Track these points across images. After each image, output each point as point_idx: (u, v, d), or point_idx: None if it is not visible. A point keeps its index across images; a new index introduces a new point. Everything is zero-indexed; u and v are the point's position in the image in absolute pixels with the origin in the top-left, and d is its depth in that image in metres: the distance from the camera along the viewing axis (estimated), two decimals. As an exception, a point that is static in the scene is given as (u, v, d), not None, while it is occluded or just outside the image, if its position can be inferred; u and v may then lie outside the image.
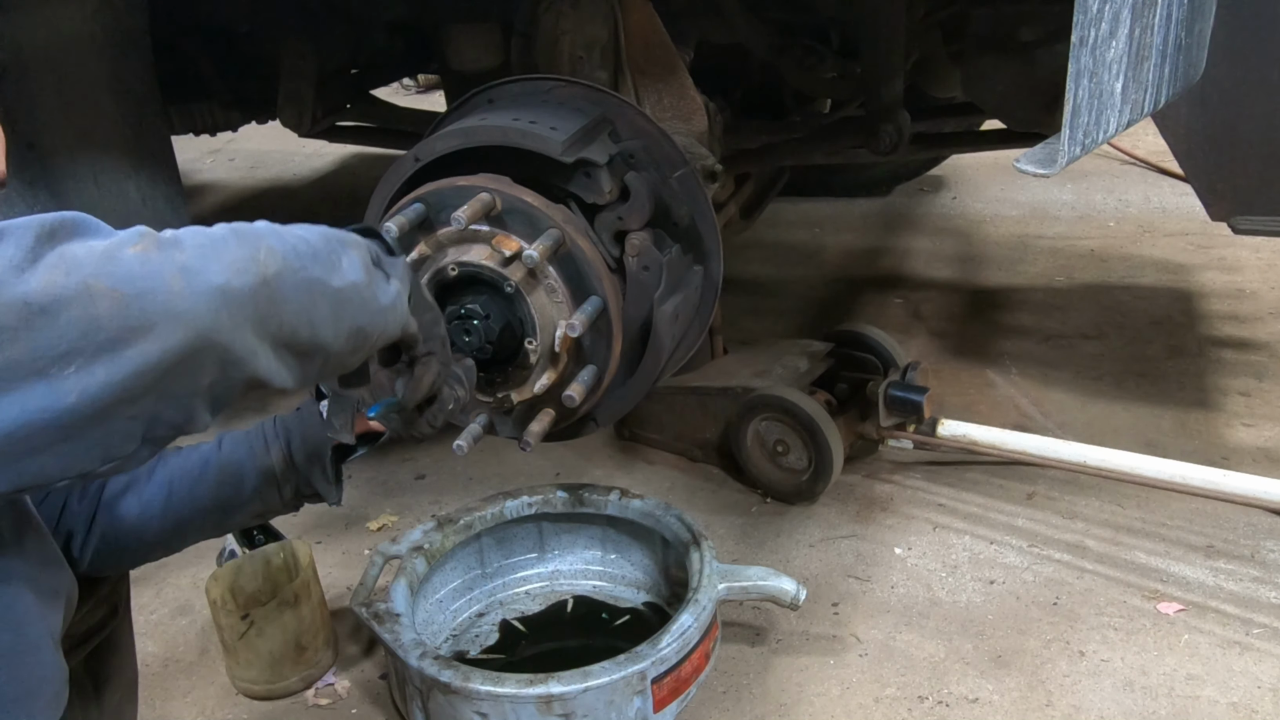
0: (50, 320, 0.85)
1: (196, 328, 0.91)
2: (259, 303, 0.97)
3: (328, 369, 1.10)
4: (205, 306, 0.91)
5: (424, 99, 5.53)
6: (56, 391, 0.85)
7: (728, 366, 2.58)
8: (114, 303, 0.87)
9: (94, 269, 0.88)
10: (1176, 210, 3.94)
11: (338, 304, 1.07)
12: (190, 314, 0.90)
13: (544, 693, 1.64)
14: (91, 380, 0.86)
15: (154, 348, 0.89)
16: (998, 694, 1.84)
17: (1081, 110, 1.36)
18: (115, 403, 0.88)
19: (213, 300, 0.92)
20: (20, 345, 0.84)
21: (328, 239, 1.11)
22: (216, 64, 2.92)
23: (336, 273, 1.08)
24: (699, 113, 2.13)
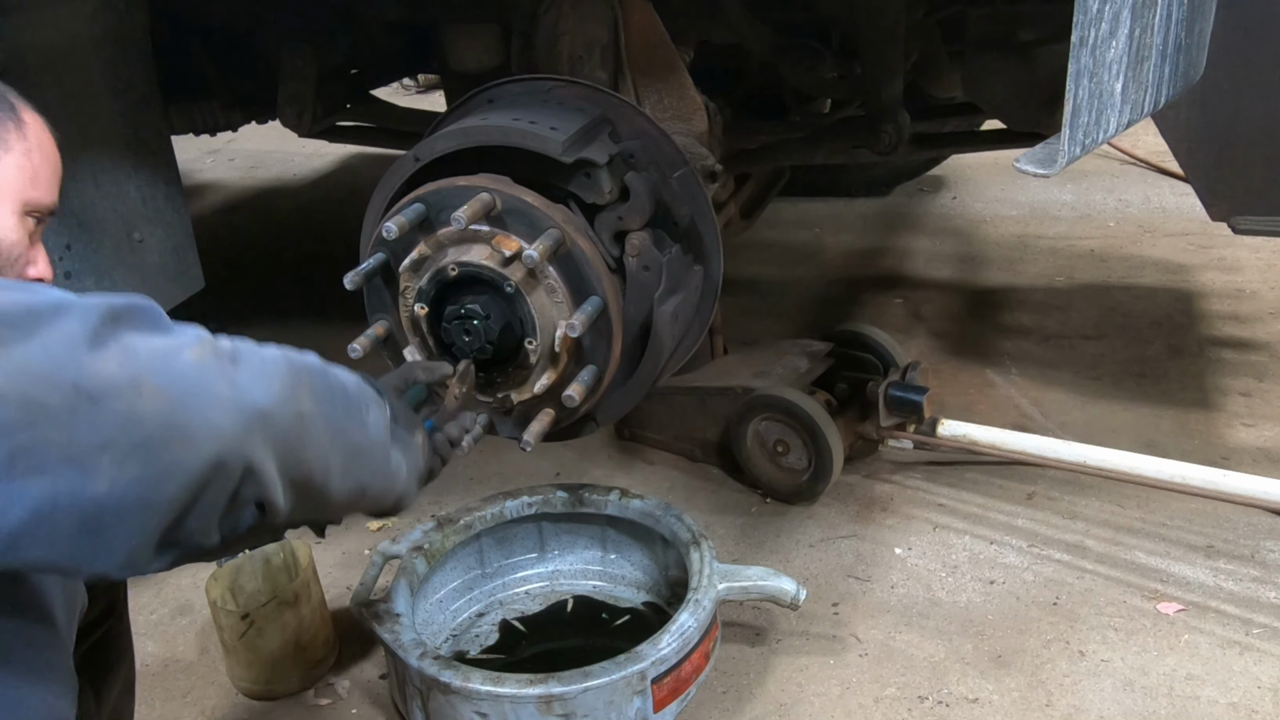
0: (95, 409, 0.86)
1: (232, 443, 0.92)
2: (289, 435, 0.99)
3: (316, 514, 1.11)
4: (244, 425, 0.93)
5: (424, 99, 5.53)
6: (87, 480, 0.86)
7: (728, 366, 2.58)
8: (160, 403, 0.88)
9: (149, 365, 0.89)
10: (1176, 210, 3.94)
11: (353, 458, 1.10)
12: (229, 430, 0.92)
13: (544, 693, 1.64)
14: (122, 475, 0.87)
15: (189, 455, 0.90)
16: (998, 694, 1.84)
17: (1081, 110, 1.36)
18: (141, 503, 0.89)
19: (252, 421, 0.94)
20: (61, 428, 0.84)
21: (361, 391, 1.14)
22: (216, 64, 2.92)
23: (361, 427, 1.12)
24: (699, 113, 2.13)
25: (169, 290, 2.30)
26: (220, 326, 1.31)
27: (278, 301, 3.64)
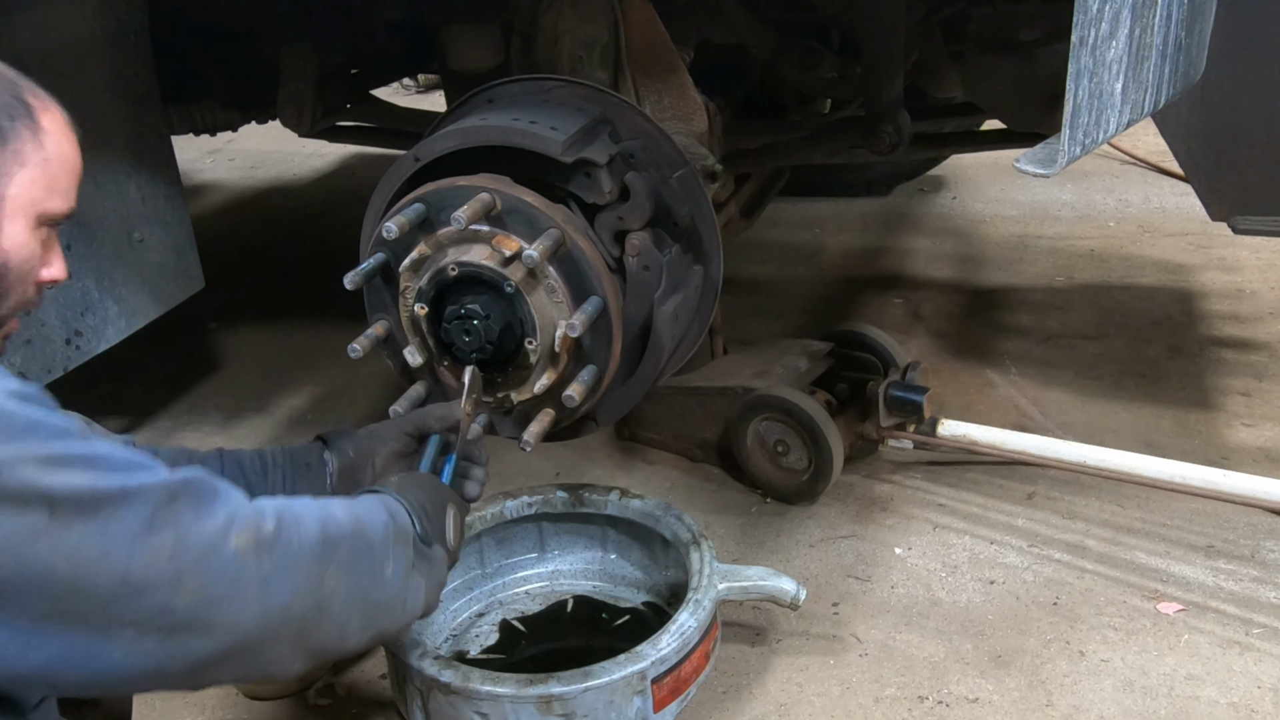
0: (136, 597, 0.94)
1: (249, 639, 1.02)
2: (307, 623, 1.07)
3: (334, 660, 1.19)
4: (264, 625, 1.02)
5: (424, 99, 5.52)
6: (105, 647, 0.95)
7: (728, 366, 2.58)
8: (194, 598, 0.97)
9: (194, 559, 0.98)
10: (1176, 210, 3.94)
11: (372, 614, 1.18)
12: (250, 628, 1.01)
13: (544, 693, 1.64)
14: (138, 649, 0.96)
15: (205, 644, 0.99)
16: (998, 694, 1.84)
17: (1081, 110, 1.36)
18: (147, 673, 0.98)
19: (272, 620, 1.03)
20: (100, 606, 0.93)
21: (387, 537, 1.21)
22: (216, 64, 2.92)
23: (381, 583, 1.18)
24: (699, 113, 2.13)
25: (169, 290, 2.30)
26: (220, 327, 1.31)
27: (278, 301, 3.64)
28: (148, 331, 2.30)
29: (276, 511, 1.07)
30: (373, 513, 1.23)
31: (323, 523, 1.12)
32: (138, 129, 2.19)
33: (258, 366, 3.15)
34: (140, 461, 1.01)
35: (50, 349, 2.00)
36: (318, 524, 1.11)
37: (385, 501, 1.29)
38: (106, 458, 0.98)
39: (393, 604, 1.21)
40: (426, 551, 1.31)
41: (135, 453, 1.03)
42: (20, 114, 1.15)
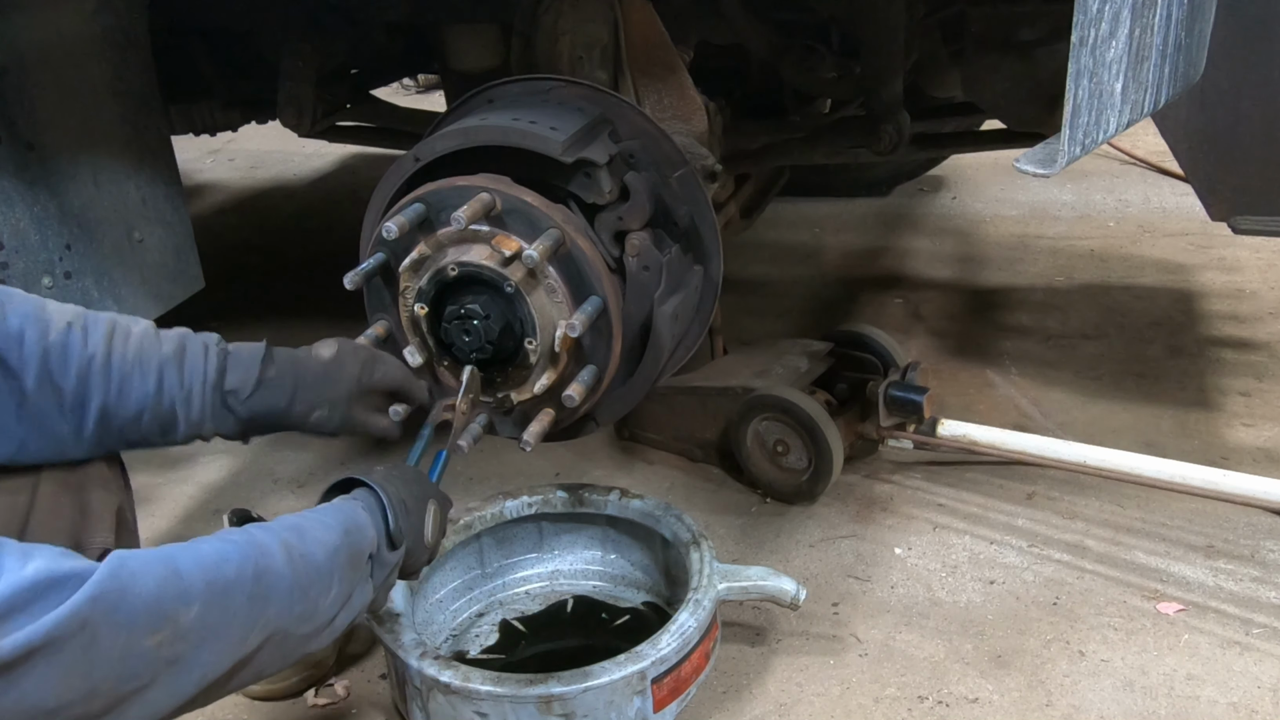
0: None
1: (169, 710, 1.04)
2: (222, 685, 1.09)
3: None
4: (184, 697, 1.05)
5: (424, 99, 5.52)
6: None
7: (728, 366, 2.58)
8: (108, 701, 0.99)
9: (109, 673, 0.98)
10: (1176, 210, 3.94)
11: (293, 649, 1.17)
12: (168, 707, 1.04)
13: (544, 693, 1.64)
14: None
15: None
16: (998, 694, 1.85)
17: (1081, 110, 1.36)
18: None
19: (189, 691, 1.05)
20: None
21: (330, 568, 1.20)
22: (216, 64, 2.92)
23: (312, 619, 1.17)
24: (699, 113, 2.13)
25: (169, 290, 2.30)
26: (221, 327, 1.32)
27: (278, 301, 3.64)
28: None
29: (204, 580, 1.05)
30: (326, 537, 1.21)
31: (256, 576, 1.10)
32: (138, 129, 2.19)
33: (258, 366, 3.14)
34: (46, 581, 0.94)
35: (50, 349, 2.00)
36: (251, 582, 1.09)
37: (350, 514, 1.27)
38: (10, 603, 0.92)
39: (319, 633, 1.20)
40: (385, 557, 1.31)
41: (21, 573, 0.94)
42: None
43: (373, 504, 1.33)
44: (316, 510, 1.29)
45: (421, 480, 1.46)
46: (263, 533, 1.16)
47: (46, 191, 1.98)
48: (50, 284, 2.00)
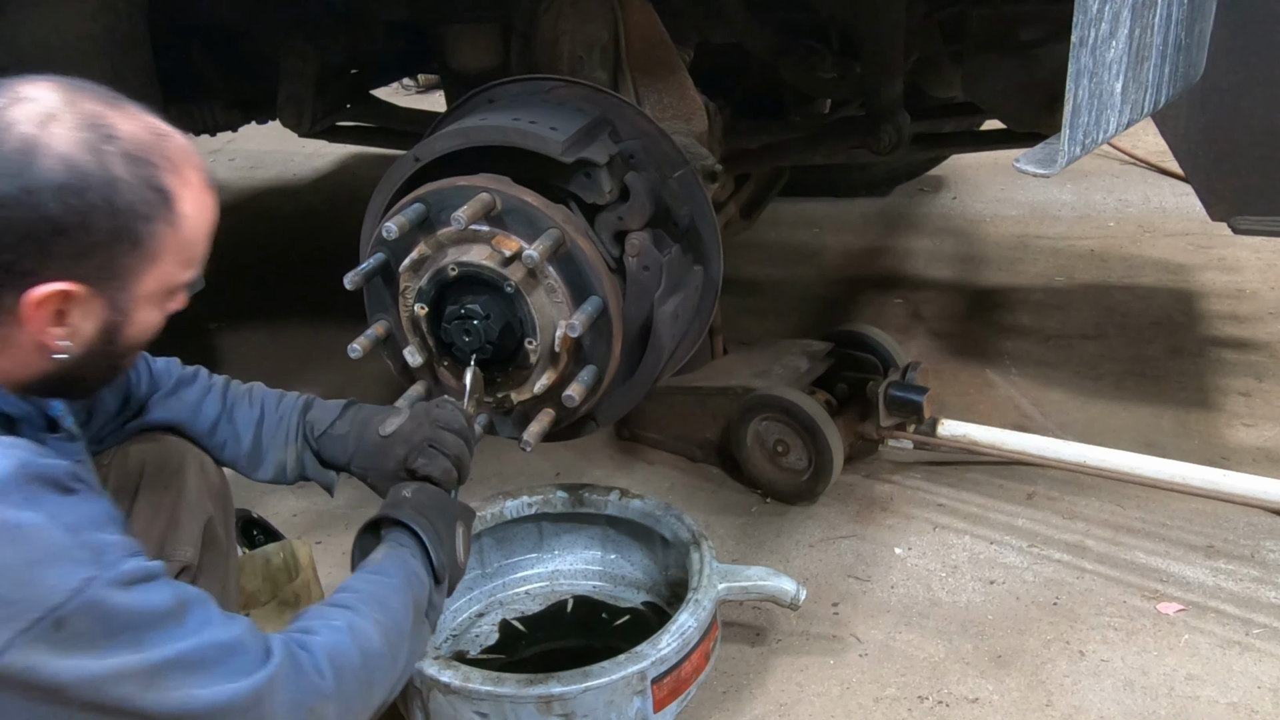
0: None
1: None
2: None
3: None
4: None
5: (424, 99, 5.52)
6: None
7: (728, 366, 2.58)
8: None
9: None
10: (1176, 210, 3.94)
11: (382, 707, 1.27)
12: None
13: (544, 693, 1.64)
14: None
15: None
16: (998, 694, 1.84)
17: (1081, 110, 1.36)
18: None
19: None
20: None
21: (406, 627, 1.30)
22: (216, 64, 2.92)
23: (399, 681, 1.29)
24: (699, 113, 2.13)
25: (169, 290, 2.29)
26: (220, 327, 1.31)
27: (278, 301, 3.64)
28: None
29: (332, 668, 1.16)
30: (401, 603, 1.30)
31: (365, 661, 1.20)
32: (138, 129, 2.18)
33: (258, 366, 3.15)
34: (232, 647, 1.07)
35: (50, 349, 2.00)
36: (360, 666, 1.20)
37: (408, 567, 1.35)
38: (201, 658, 1.04)
39: (398, 687, 1.30)
40: (436, 600, 1.39)
41: (226, 630, 1.08)
42: (156, 210, 1.10)
43: (416, 545, 1.39)
44: (381, 570, 1.34)
45: (447, 504, 1.50)
46: (358, 617, 1.24)
47: (46, 191, 1.97)
48: (50, 284, 1.99)
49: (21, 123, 1.03)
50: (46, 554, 0.97)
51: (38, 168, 1.02)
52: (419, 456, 1.51)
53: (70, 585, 0.97)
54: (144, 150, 1.08)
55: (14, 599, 0.95)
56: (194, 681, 1.03)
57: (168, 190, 1.10)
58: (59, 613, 0.96)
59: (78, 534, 1.00)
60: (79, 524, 1.01)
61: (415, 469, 1.51)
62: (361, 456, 1.58)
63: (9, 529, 0.96)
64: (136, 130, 1.09)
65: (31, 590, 0.96)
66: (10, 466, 0.99)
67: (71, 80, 1.09)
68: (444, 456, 1.52)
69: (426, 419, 1.55)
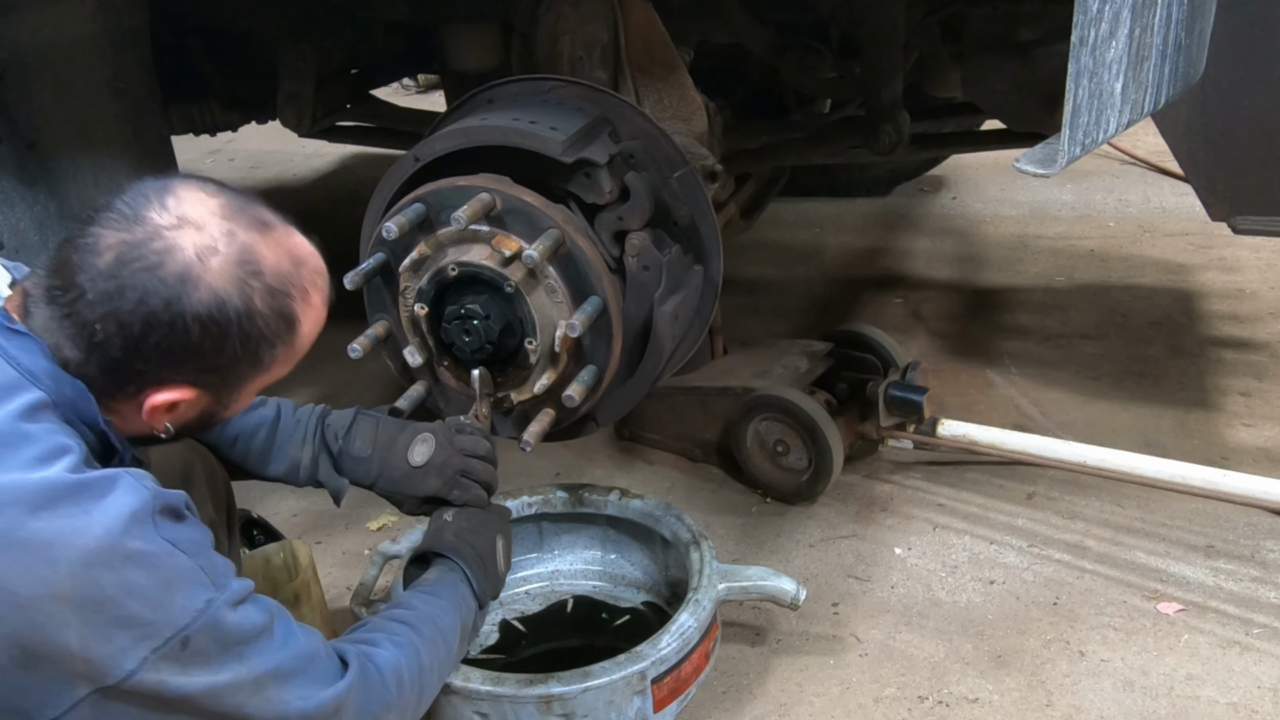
0: None
1: None
2: None
3: None
4: None
5: (424, 99, 5.52)
6: None
7: (728, 366, 2.58)
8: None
9: None
10: (1176, 210, 3.94)
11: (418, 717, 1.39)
12: None
13: (544, 693, 1.64)
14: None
15: None
16: (998, 694, 1.84)
17: (1081, 110, 1.36)
18: None
19: None
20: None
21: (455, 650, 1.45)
22: (216, 64, 2.92)
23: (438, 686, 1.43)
24: (699, 113, 2.13)
25: (169, 290, 2.29)
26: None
27: (278, 301, 3.64)
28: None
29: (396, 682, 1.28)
30: (451, 624, 1.43)
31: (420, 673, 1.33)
32: (138, 129, 2.18)
33: (258, 366, 3.14)
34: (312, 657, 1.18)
35: (50, 349, 2.00)
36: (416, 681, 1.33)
37: (461, 597, 1.47)
38: (292, 668, 1.15)
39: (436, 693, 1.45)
40: (478, 622, 1.53)
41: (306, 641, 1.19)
42: (282, 335, 1.19)
43: (461, 574, 1.51)
44: (435, 592, 1.46)
45: (486, 522, 1.58)
46: (416, 635, 1.36)
47: (46, 191, 1.98)
48: (50, 284, 1.99)
49: (186, 249, 1.11)
50: (176, 579, 1.06)
51: (192, 298, 1.10)
52: (454, 489, 1.59)
53: (197, 607, 1.06)
54: (282, 282, 1.18)
55: (150, 619, 1.04)
56: (287, 689, 1.14)
57: (295, 317, 1.21)
58: (186, 632, 1.05)
59: (197, 558, 1.09)
60: (196, 549, 1.10)
61: (452, 500, 1.59)
62: (388, 482, 1.62)
63: (148, 556, 1.05)
64: (279, 262, 1.18)
65: (164, 612, 1.04)
66: (145, 498, 1.07)
67: (229, 196, 1.17)
68: (477, 485, 1.59)
69: (454, 449, 1.60)
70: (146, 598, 1.03)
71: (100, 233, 1.10)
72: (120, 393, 1.15)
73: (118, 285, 1.08)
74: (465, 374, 1.76)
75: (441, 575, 1.49)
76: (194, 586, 1.07)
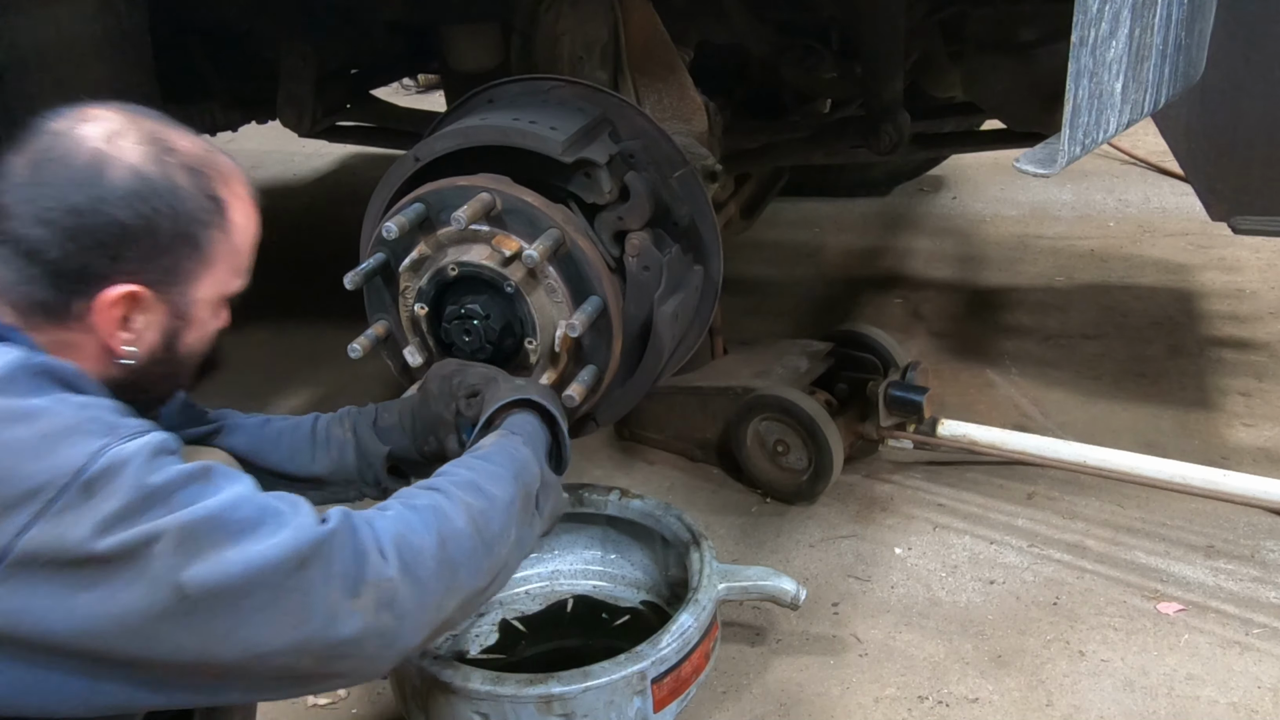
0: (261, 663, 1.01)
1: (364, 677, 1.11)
2: (424, 641, 1.14)
3: None
4: (383, 666, 1.09)
5: (424, 99, 5.52)
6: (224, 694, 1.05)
7: (728, 366, 2.58)
8: (315, 661, 1.04)
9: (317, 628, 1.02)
10: (1176, 210, 3.94)
11: (480, 603, 1.26)
12: (367, 672, 1.10)
13: (544, 693, 1.64)
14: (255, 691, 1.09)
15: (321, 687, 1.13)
16: (998, 694, 1.84)
17: (1081, 110, 1.36)
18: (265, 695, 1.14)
19: (390, 660, 1.09)
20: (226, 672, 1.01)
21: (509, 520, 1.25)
22: (216, 64, 2.92)
23: (494, 573, 1.23)
24: (699, 113, 2.13)
25: (169, 290, 2.30)
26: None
27: (278, 301, 3.63)
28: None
29: (396, 549, 1.09)
30: (503, 491, 1.25)
31: (442, 543, 1.13)
32: (138, 129, 2.18)
33: (258, 366, 3.15)
34: (271, 507, 1.03)
35: (50, 349, 2.00)
36: (436, 548, 1.13)
37: (519, 458, 1.32)
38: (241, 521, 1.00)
39: (499, 581, 1.26)
40: (550, 479, 1.37)
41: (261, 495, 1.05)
42: (213, 216, 1.17)
43: (534, 431, 1.40)
44: (486, 457, 1.31)
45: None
46: (444, 498, 1.19)
47: (47, 191, 1.97)
48: (50, 284, 1.99)
49: (91, 139, 1.11)
50: (60, 430, 0.97)
51: (108, 178, 1.09)
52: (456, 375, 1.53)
53: (90, 449, 0.96)
54: (200, 163, 1.17)
55: (34, 474, 0.94)
56: (232, 543, 0.98)
57: (221, 199, 1.18)
58: (84, 476, 0.94)
59: (88, 410, 1.00)
60: (89, 404, 1.01)
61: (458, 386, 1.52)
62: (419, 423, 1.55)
63: (18, 411, 0.96)
64: (191, 145, 1.18)
65: (51, 462, 0.94)
66: (13, 359, 1.01)
67: (128, 104, 1.17)
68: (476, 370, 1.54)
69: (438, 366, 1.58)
70: (26, 451, 0.94)
71: (12, 158, 1.11)
72: (68, 312, 1.10)
73: (35, 189, 1.08)
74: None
75: (500, 439, 1.34)
76: (84, 435, 0.97)
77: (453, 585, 1.14)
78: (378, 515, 1.12)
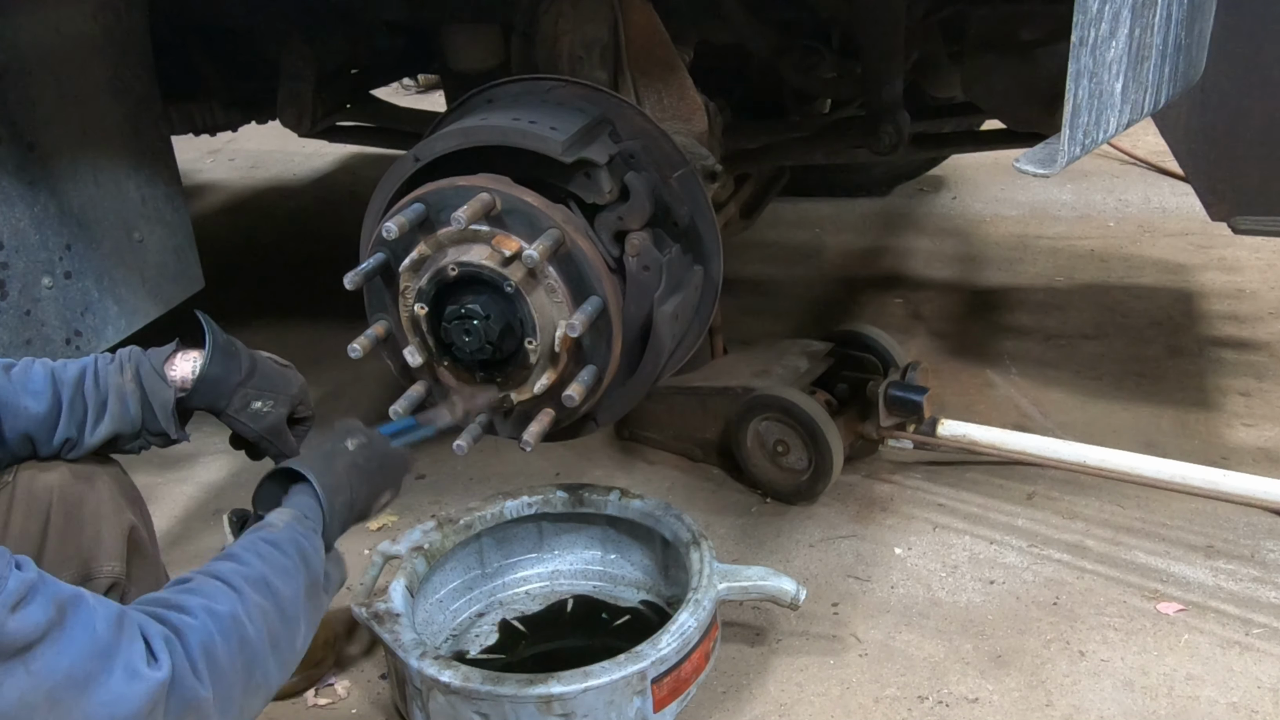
0: None
1: None
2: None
3: None
4: None
5: (424, 99, 5.52)
6: None
7: (728, 366, 2.58)
8: None
9: None
10: (1176, 210, 3.94)
11: (275, 689, 1.25)
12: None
13: (544, 693, 1.64)
14: None
15: None
16: (998, 694, 1.85)
17: (1081, 110, 1.36)
18: None
19: None
20: None
21: (300, 608, 1.26)
22: (216, 64, 2.92)
23: (289, 662, 1.25)
24: (699, 113, 2.13)
25: (169, 290, 2.30)
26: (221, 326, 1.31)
27: (278, 301, 3.64)
28: (147, 332, 2.30)
29: (207, 668, 1.11)
30: (293, 587, 1.25)
31: (242, 647, 1.15)
32: (138, 129, 2.18)
33: (258, 366, 3.14)
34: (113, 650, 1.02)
35: (50, 349, 2.00)
36: (238, 656, 1.15)
37: (306, 542, 1.30)
38: (91, 672, 1.00)
39: (293, 665, 1.27)
40: (332, 571, 1.36)
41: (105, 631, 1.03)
42: None
43: (316, 509, 1.35)
44: (277, 544, 1.28)
45: (385, 465, 1.46)
46: (240, 603, 1.18)
47: (46, 191, 1.98)
48: (50, 284, 1.99)
49: None
50: None
51: None
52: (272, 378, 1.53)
53: None
54: None
55: None
56: (88, 695, 0.99)
57: None
58: None
59: None
60: None
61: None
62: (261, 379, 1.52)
63: None
64: None
65: None
66: None
67: None
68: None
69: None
70: None
71: None
72: None
73: None
74: (465, 374, 1.76)
75: (291, 522, 1.31)
76: None
77: (249, 685, 1.18)
78: (186, 626, 1.12)
